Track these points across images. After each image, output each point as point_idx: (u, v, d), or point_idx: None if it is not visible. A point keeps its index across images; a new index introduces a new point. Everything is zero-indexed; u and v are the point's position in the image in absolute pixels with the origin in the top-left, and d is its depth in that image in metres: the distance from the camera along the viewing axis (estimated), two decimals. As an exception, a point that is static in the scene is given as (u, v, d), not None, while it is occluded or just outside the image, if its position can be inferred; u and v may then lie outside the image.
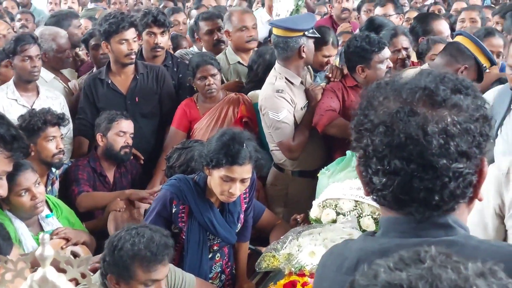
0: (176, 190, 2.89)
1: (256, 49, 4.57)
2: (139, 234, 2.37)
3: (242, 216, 3.04)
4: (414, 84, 1.18)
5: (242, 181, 2.77)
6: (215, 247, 3.02)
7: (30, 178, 2.98)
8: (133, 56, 4.08)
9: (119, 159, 3.84)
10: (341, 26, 5.60)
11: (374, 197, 1.22)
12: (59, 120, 3.55)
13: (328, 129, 3.73)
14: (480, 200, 1.24)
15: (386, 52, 3.77)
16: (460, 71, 3.48)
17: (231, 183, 2.75)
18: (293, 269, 2.55)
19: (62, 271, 1.07)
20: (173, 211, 2.90)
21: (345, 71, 3.96)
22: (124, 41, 4.02)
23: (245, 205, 3.06)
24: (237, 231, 3.03)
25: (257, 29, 4.59)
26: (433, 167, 1.13)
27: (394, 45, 4.24)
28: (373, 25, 4.66)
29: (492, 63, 3.60)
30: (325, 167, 3.47)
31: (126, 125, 3.83)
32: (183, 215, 2.90)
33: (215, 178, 2.77)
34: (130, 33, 4.03)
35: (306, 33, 3.75)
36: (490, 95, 3.05)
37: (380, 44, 3.74)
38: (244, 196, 3.03)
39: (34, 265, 1.08)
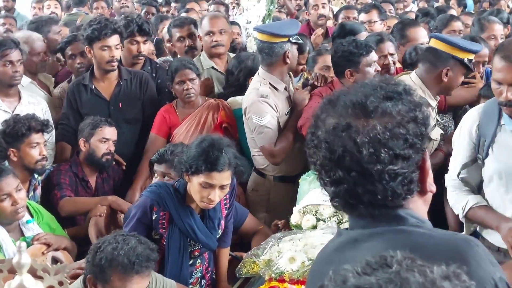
0: (156, 196, 2.90)
1: (238, 54, 4.59)
2: (124, 241, 2.38)
3: (222, 222, 3.05)
4: (348, 99, 1.31)
5: (222, 187, 2.79)
6: (196, 253, 3.03)
7: (11, 183, 2.99)
8: (115, 63, 4.08)
9: (101, 165, 3.84)
10: (315, 33, 5.63)
11: (333, 203, 1.36)
12: (43, 127, 3.54)
13: None
14: (432, 192, 1.38)
15: (374, 56, 3.79)
16: (444, 74, 3.52)
17: (210, 190, 2.76)
18: (273, 275, 2.57)
19: (40, 278, 1.08)
20: (154, 218, 2.91)
21: (330, 76, 3.99)
22: (106, 48, 4.01)
23: (226, 211, 3.07)
24: (217, 237, 3.04)
25: (227, 35, 4.53)
26: (370, 173, 1.26)
27: (380, 50, 4.26)
28: (344, 30, 4.72)
29: (473, 52, 3.55)
30: (306, 173, 3.49)
31: (110, 132, 3.82)
32: (163, 221, 2.92)
33: (194, 185, 2.78)
34: (113, 40, 4.02)
35: (290, 39, 3.78)
36: (473, 114, 2.92)
37: (367, 48, 3.76)
38: (225, 202, 3.04)
39: (12, 272, 1.09)
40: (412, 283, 0.86)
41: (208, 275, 3.16)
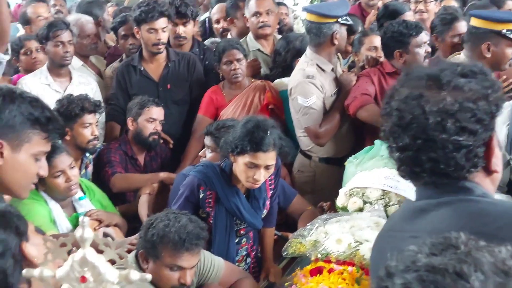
0: (203, 176, 2.95)
1: (286, 34, 4.57)
2: (175, 219, 2.45)
3: (267, 202, 3.08)
4: (423, 72, 1.38)
5: (266, 167, 2.82)
6: (242, 232, 3.08)
7: (65, 161, 3.07)
8: (161, 46, 4.12)
9: (148, 144, 3.90)
10: (369, 15, 5.56)
11: (399, 172, 1.42)
12: (95, 108, 3.60)
13: (360, 112, 3.70)
14: (497, 172, 1.39)
15: (424, 36, 3.74)
16: (486, 49, 3.44)
17: (256, 170, 2.80)
18: (319, 256, 2.58)
19: (101, 252, 1.12)
20: (201, 197, 2.96)
21: (378, 57, 3.96)
22: (153, 30, 4.06)
23: (271, 192, 3.10)
24: (262, 216, 3.07)
25: (274, 15, 4.48)
26: (434, 141, 1.31)
27: (455, 29, 4.22)
28: (387, 11, 4.66)
29: (509, 21, 3.44)
30: (353, 156, 3.48)
31: (157, 112, 3.88)
32: (210, 200, 2.97)
33: (239, 165, 2.82)
34: (160, 23, 4.05)
35: (339, 19, 3.75)
36: (503, 113, 2.88)
37: (417, 28, 3.72)
38: (270, 182, 3.07)
39: (75, 246, 1.14)
40: (484, 263, 0.87)
41: (253, 253, 3.20)
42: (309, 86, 3.74)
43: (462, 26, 4.19)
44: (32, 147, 1.83)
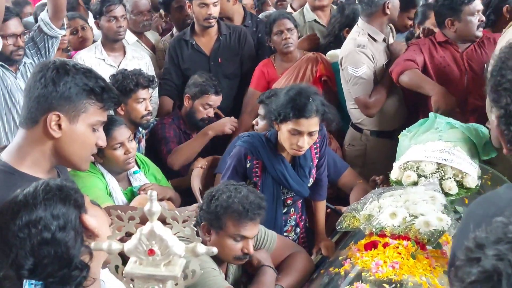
0: (250, 146, 2.99)
1: (342, 4, 4.53)
2: (236, 190, 2.50)
3: (314, 171, 3.09)
4: None
5: (310, 134, 2.83)
6: (289, 201, 3.09)
7: (124, 133, 3.11)
8: (212, 20, 4.12)
9: (196, 126, 3.93)
10: None
11: None
12: (149, 83, 3.61)
13: (402, 78, 3.64)
14: None
15: (478, 4, 3.63)
16: None
17: (299, 136, 2.81)
18: (373, 230, 2.58)
19: (168, 225, 1.14)
20: (248, 166, 2.99)
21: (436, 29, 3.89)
22: (204, 5, 4.06)
23: (317, 160, 3.10)
24: (309, 185, 3.08)
25: None
26: None
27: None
28: None
29: None
30: (406, 129, 3.44)
31: (215, 100, 3.88)
32: (257, 170, 2.99)
33: (283, 132, 2.84)
34: None
35: None
36: None
37: None
38: (315, 151, 3.08)
39: (143, 219, 1.16)
40: None
41: (302, 223, 3.23)
42: (360, 55, 3.70)
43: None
44: (89, 117, 1.86)
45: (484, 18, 3.72)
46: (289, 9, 5.02)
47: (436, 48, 3.73)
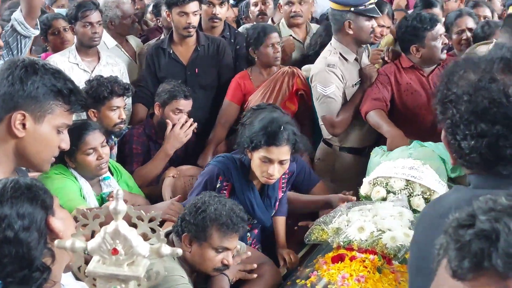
0: (224, 167, 3.02)
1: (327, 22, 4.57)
2: (221, 203, 2.52)
3: (277, 203, 3.14)
4: (491, 56, 1.31)
5: (281, 162, 2.87)
6: (248, 227, 3.08)
7: (97, 138, 3.07)
8: (191, 30, 4.10)
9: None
10: (395, 2, 5.53)
11: (463, 162, 1.35)
12: (125, 91, 3.57)
13: (367, 117, 3.69)
14: None
15: (440, 29, 3.70)
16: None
17: (270, 164, 2.85)
18: (341, 243, 2.59)
19: (134, 225, 1.14)
20: (217, 186, 3.01)
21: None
22: (183, 14, 4.05)
23: (281, 194, 3.16)
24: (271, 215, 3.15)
25: (307, 5, 4.48)
26: None
27: (458, 25, 4.19)
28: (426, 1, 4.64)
29: None
30: (380, 146, 3.48)
31: (184, 104, 3.81)
32: (225, 192, 3.01)
33: (255, 160, 2.88)
34: (191, 6, 4.03)
35: (353, 9, 3.68)
36: None
37: (431, 21, 3.67)
38: (283, 185, 3.13)
39: (108, 218, 1.15)
40: None
41: (256, 247, 3.25)
42: (329, 74, 3.72)
43: (468, 21, 4.21)
44: (55, 119, 1.83)
45: (447, 41, 3.79)
46: (269, 22, 5.05)
47: (401, 73, 3.78)
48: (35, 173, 2.62)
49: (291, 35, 4.49)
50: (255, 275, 2.77)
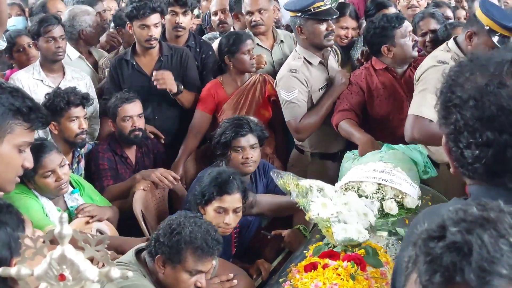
0: None
1: None
2: (197, 224, 2.46)
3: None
4: (500, 58, 1.21)
5: (235, 210, 2.92)
6: None
7: (55, 160, 3.02)
8: (153, 42, 4.05)
9: (132, 142, 3.81)
10: None
11: (464, 171, 1.25)
12: (83, 100, 3.53)
13: (339, 128, 3.68)
14: None
15: (407, 26, 3.70)
16: (467, 35, 3.30)
17: (225, 215, 2.90)
18: (300, 205, 2.60)
19: (81, 249, 1.08)
20: None
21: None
22: (144, 27, 3.99)
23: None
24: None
25: (268, 12, 4.41)
26: None
27: (421, 27, 4.21)
28: (374, 4, 4.66)
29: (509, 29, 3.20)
30: (351, 151, 3.46)
31: (130, 109, 3.75)
32: None
33: (209, 214, 2.90)
34: (152, 19, 3.97)
35: (300, 14, 3.69)
36: None
37: (398, 19, 3.68)
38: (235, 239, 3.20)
39: (54, 243, 1.10)
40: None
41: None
42: (292, 80, 3.71)
43: (430, 23, 4.23)
44: (15, 138, 1.79)
45: (416, 38, 3.78)
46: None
47: (373, 78, 3.75)
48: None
49: (257, 44, 4.46)
50: (235, 282, 2.75)
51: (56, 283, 1.07)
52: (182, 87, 4.02)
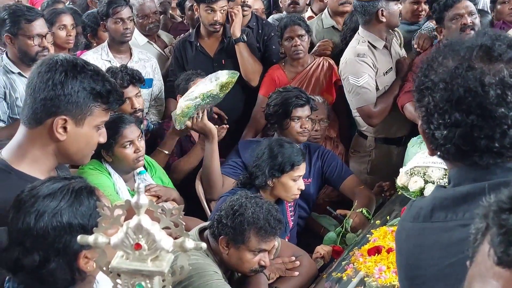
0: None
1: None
2: (258, 205, 2.49)
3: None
4: (471, 43, 1.25)
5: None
6: None
7: (134, 131, 3.04)
8: (217, 26, 4.08)
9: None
10: None
11: (439, 153, 1.30)
12: (132, 80, 3.48)
13: (404, 109, 3.61)
14: None
15: (460, 6, 3.53)
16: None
17: (299, 182, 3.02)
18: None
19: (156, 220, 1.10)
20: None
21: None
22: (211, 11, 4.02)
23: (292, 223, 3.24)
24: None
25: None
26: (492, 116, 1.19)
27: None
28: None
29: None
30: (417, 136, 3.39)
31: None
32: None
33: (287, 183, 3.01)
34: (219, 4, 4.00)
35: None
36: None
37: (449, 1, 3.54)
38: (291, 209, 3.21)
39: (130, 212, 1.12)
40: None
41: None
42: (361, 64, 3.64)
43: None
44: (95, 119, 1.88)
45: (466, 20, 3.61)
46: (309, 12, 4.96)
47: None
48: (71, 169, 2.64)
49: (333, 26, 4.40)
50: (296, 273, 2.75)
51: (132, 252, 1.09)
52: (245, 37, 4.02)
